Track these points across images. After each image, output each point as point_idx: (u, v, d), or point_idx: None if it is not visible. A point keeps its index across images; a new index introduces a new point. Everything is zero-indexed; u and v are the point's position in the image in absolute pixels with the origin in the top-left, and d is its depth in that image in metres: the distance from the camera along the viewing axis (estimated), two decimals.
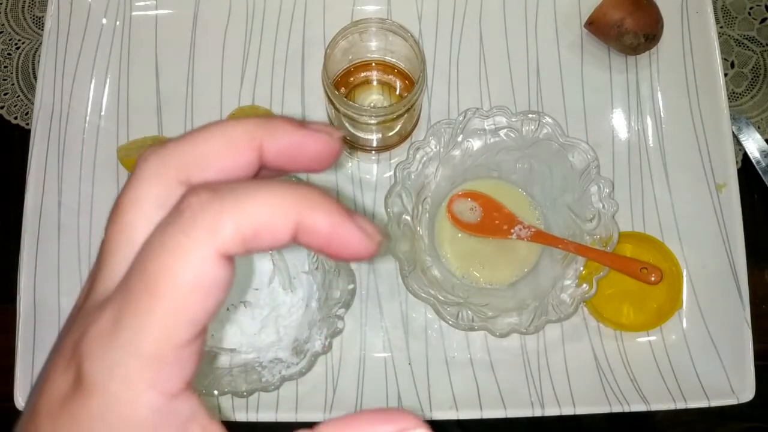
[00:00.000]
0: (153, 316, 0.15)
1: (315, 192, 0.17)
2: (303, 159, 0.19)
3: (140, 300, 0.16)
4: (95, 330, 0.16)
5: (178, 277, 0.15)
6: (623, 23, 0.55)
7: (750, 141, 0.60)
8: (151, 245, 0.16)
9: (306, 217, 0.16)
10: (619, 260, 0.49)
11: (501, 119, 0.50)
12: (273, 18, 0.60)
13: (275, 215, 0.16)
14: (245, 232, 0.16)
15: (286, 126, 0.18)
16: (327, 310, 0.48)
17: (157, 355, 0.16)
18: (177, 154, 0.18)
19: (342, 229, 0.17)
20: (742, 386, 0.52)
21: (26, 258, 0.54)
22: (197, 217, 0.16)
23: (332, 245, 0.17)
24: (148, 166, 0.18)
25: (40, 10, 0.64)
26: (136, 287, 0.16)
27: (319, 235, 0.17)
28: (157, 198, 0.17)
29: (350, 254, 0.17)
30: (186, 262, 0.15)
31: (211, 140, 0.18)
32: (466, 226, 0.54)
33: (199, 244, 0.15)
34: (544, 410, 0.51)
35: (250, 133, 0.18)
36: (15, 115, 0.62)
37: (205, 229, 0.16)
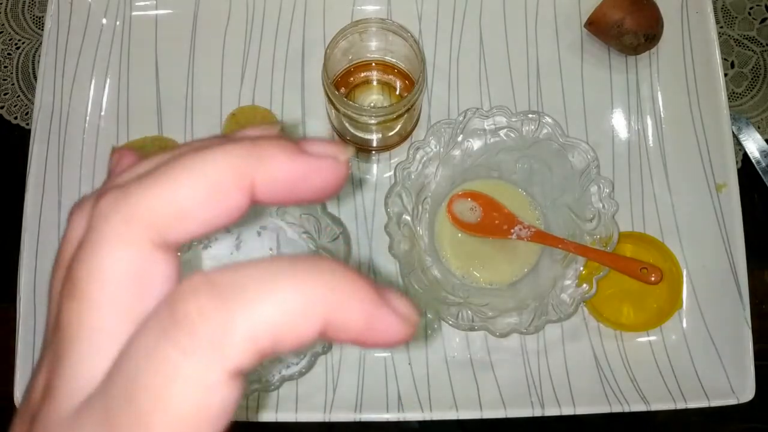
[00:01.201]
0: None
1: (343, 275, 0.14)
2: (305, 193, 0.15)
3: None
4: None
5: (177, 410, 0.12)
6: (623, 23, 0.55)
7: (750, 141, 0.60)
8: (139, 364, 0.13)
9: (336, 312, 0.13)
10: (619, 260, 0.49)
11: (501, 119, 0.50)
12: (273, 18, 0.60)
13: (298, 316, 0.13)
14: (262, 343, 0.13)
15: (282, 155, 0.15)
16: None
17: None
18: (146, 208, 0.14)
19: (378, 320, 0.14)
20: (742, 386, 0.52)
21: (26, 258, 0.54)
22: (198, 331, 0.12)
23: (368, 339, 0.14)
24: (108, 225, 0.14)
25: (40, 10, 0.64)
26: (122, 417, 0.13)
27: (353, 331, 0.14)
28: (126, 269, 0.14)
29: (387, 344, 0.14)
30: (187, 392, 0.12)
31: (188, 183, 0.14)
32: (466, 226, 0.54)
33: (203, 367, 0.12)
34: (544, 410, 0.51)
35: (238, 170, 0.14)
36: (15, 115, 0.62)
37: (210, 348, 0.12)
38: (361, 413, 0.51)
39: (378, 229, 0.55)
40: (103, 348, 0.14)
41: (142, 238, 0.14)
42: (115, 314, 0.14)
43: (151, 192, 0.14)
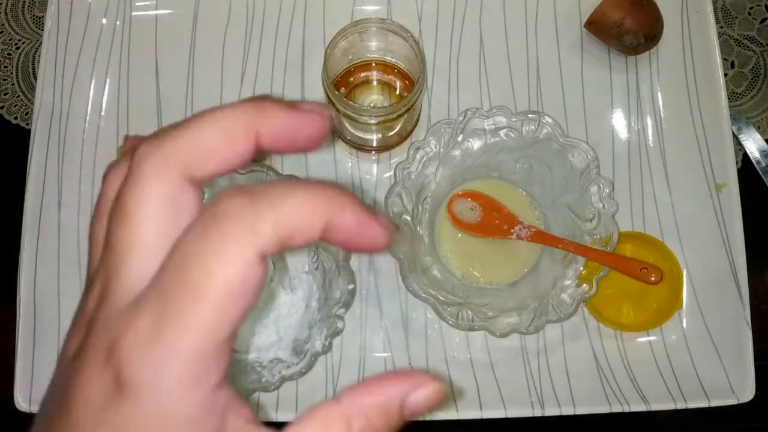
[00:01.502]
0: (197, 317, 0.16)
1: (341, 191, 0.18)
2: (297, 142, 0.19)
3: (184, 302, 0.16)
4: (133, 333, 0.16)
5: (223, 279, 0.16)
6: (623, 23, 0.55)
7: (750, 141, 0.60)
8: (190, 248, 0.16)
9: (335, 216, 0.17)
10: (619, 260, 0.49)
11: (501, 119, 0.50)
12: (273, 18, 0.60)
13: (309, 215, 0.17)
14: (282, 233, 0.16)
15: (280, 111, 0.19)
16: (327, 310, 0.48)
17: (201, 353, 0.16)
18: (177, 151, 0.18)
19: (365, 225, 0.18)
20: (742, 386, 0.52)
21: (26, 258, 0.54)
22: (237, 221, 0.16)
23: (357, 240, 0.18)
24: (149, 165, 0.17)
25: (40, 10, 0.64)
26: (177, 289, 0.16)
27: (346, 232, 0.18)
28: (163, 197, 0.17)
29: (371, 247, 0.19)
30: (230, 265, 0.16)
31: (208, 133, 0.18)
32: (466, 226, 0.54)
33: (241, 247, 0.16)
34: (544, 410, 0.51)
35: (246, 122, 0.18)
36: (15, 115, 0.62)
37: (246, 233, 0.16)
38: None
39: None
40: (149, 258, 0.17)
41: (175, 173, 0.18)
42: (157, 231, 0.17)
43: (180, 138, 0.18)
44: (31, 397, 0.51)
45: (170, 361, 0.16)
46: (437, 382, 0.19)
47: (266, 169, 0.49)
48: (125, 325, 0.16)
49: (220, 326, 0.16)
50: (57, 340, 0.53)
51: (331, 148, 0.58)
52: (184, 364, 0.16)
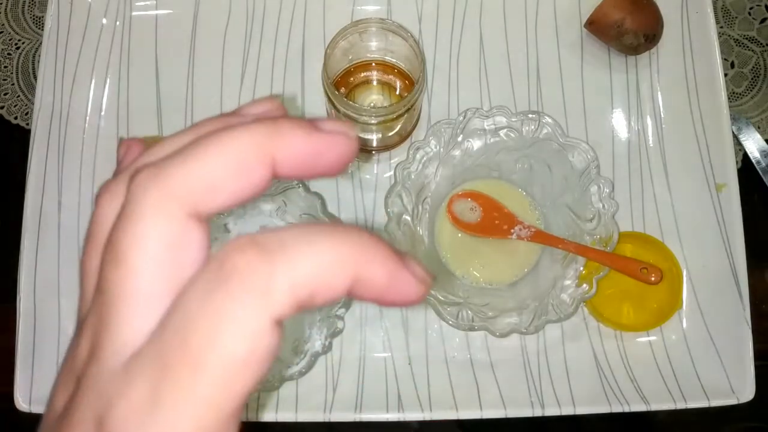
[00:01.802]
0: (198, 393, 0.14)
1: (370, 239, 0.16)
2: (319, 167, 0.17)
3: (182, 374, 0.14)
4: (126, 405, 0.14)
5: (229, 351, 0.14)
6: (623, 23, 0.55)
7: (750, 141, 0.60)
8: (192, 310, 0.14)
9: (364, 270, 0.15)
10: (619, 260, 0.49)
11: (501, 119, 0.50)
12: (273, 18, 0.60)
13: (332, 273, 0.15)
14: (301, 295, 0.14)
15: (299, 132, 0.16)
16: (327, 310, 0.48)
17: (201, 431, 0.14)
18: (180, 182, 0.16)
19: (398, 279, 0.16)
20: (742, 386, 0.52)
21: (26, 258, 0.54)
22: (247, 281, 0.14)
23: (388, 296, 0.16)
24: (148, 200, 0.15)
25: (40, 10, 0.64)
26: (176, 358, 0.14)
27: (377, 288, 0.16)
28: (164, 239, 0.15)
29: (404, 302, 0.16)
30: (238, 334, 0.14)
31: (217, 161, 0.16)
32: (466, 226, 0.54)
33: (252, 313, 0.14)
34: (544, 410, 0.51)
35: (260, 147, 0.16)
36: (15, 115, 0.62)
37: (258, 296, 0.14)
38: (361, 413, 0.51)
39: (378, 229, 0.55)
40: (147, 310, 0.15)
41: (178, 209, 0.15)
42: (156, 279, 0.15)
43: (184, 168, 0.16)
44: (31, 397, 0.51)
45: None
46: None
47: None
48: (117, 393, 0.15)
49: (224, 402, 0.14)
50: (57, 340, 0.53)
51: None
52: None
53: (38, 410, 0.51)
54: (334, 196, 0.56)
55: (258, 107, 0.19)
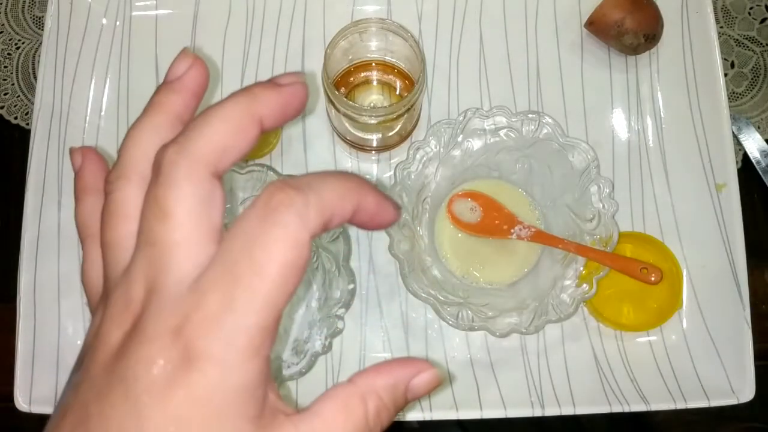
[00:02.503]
0: (264, 294, 0.18)
1: (362, 179, 0.21)
2: (288, 115, 0.21)
3: (251, 280, 0.18)
4: (203, 312, 0.18)
5: (283, 259, 0.18)
6: (623, 23, 0.55)
7: (750, 141, 0.60)
8: (253, 233, 0.18)
9: (362, 198, 0.20)
10: (619, 260, 0.49)
11: (501, 119, 0.50)
12: (273, 18, 0.60)
13: (344, 201, 0.20)
14: (325, 216, 0.19)
15: (271, 93, 0.21)
16: (327, 310, 0.48)
17: (263, 326, 0.18)
18: (201, 151, 0.19)
19: (382, 205, 0.21)
20: (742, 386, 0.52)
21: (26, 258, 0.54)
22: (290, 211, 0.18)
23: (375, 218, 0.21)
24: (179, 168, 0.19)
25: (40, 10, 0.64)
26: (244, 269, 0.18)
27: (370, 212, 0.21)
28: (199, 197, 0.19)
29: (386, 223, 0.22)
30: (289, 245, 0.18)
31: (223, 128, 0.20)
32: (466, 226, 0.54)
33: (297, 229, 0.18)
34: (544, 410, 0.51)
35: (249, 111, 0.20)
36: (15, 115, 0.62)
37: (299, 218, 0.18)
38: None
39: None
40: (196, 249, 0.19)
41: (205, 173, 0.19)
42: (198, 226, 0.19)
43: (202, 138, 0.20)
44: (31, 397, 0.51)
45: (238, 334, 0.18)
46: (435, 369, 0.22)
47: (266, 168, 0.49)
48: (193, 306, 0.18)
49: (280, 300, 0.18)
50: (57, 340, 0.53)
51: (331, 148, 0.58)
52: (250, 337, 0.18)
53: (38, 410, 0.51)
54: None
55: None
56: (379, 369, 0.21)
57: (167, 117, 0.22)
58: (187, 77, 0.23)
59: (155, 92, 0.23)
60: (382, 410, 0.21)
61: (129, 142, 0.22)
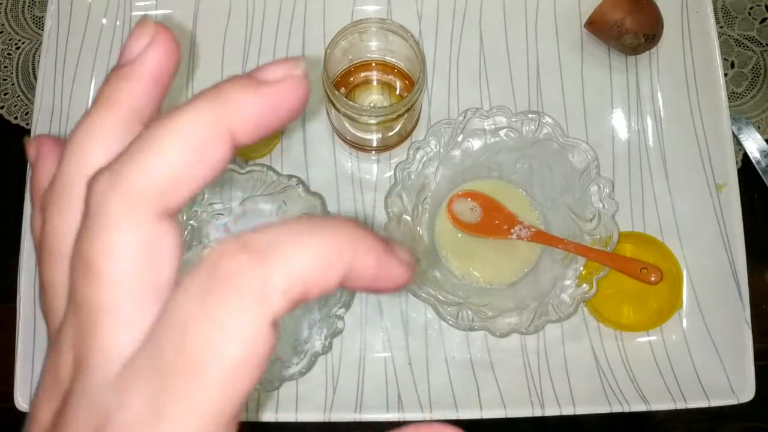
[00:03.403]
0: (201, 399, 0.14)
1: (357, 230, 0.15)
2: (280, 119, 0.16)
3: (184, 381, 0.14)
4: (126, 416, 0.14)
5: (229, 355, 0.14)
6: (623, 23, 0.55)
7: (750, 141, 0.60)
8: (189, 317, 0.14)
9: (354, 261, 0.15)
10: (619, 260, 0.49)
11: (501, 119, 0.50)
12: (273, 18, 0.60)
13: (324, 267, 0.15)
14: (295, 292, 0.14)
15: (248, 94, 0.15)
16: (327, 310, 0.48)
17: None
18: (141, 183, 0.15)
19: (386, 266, 0.16)
20: (742, 386, 0.52)
21: (26, 258, 0.53)
22: (241, 285, 0.14)
23: (378, 282, 0.16)
24: (112, 208, 0.15)
25: (40, 10, 0.64)
26: (177, 366, 0.14)
27: (367, 276, 0.16)
28: (136, 243, 0.15)
29: (393, 287, 0.16)
30: (236, 338, 0.14)
31: (174, 149, 0.15)
32: (466, 226, 0.54)
33: (249, 317, 0.14)
34: (544, 410, 0.51)
35: (215, 124, 0.15)
36: (15, 115, 0.62)
37: (253, 299, 0.14)
38: (361, 413, 0.51)
39: (378, 229, 0.55)
40: (131, 318, 0.15)
41: (144, 211, 0.15)
42: (135, 286, 0.15)
43: (143, 166, 0.15)
44: (31, 398, 0.51)
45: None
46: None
47: (266, 168, 0.49)
48: (115, 404, 0.14)
49: (227, 406, 0.14)
50: None
51: (331, 148, 0.58)
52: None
53: None
54: (334, 196, 0.56)
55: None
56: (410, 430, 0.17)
57: (119, 116, 0.16)
58: (145, 58, 0.17)
59: (105, 80, 0.17)
60: None
61: (68, 152, 0.17)
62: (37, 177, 0.19)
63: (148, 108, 0.17)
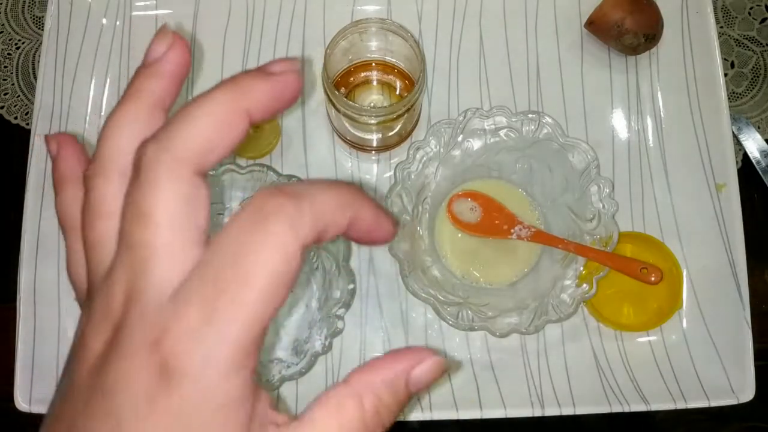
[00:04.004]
0: (249, 306, 0.17)
1: (360, 191, 0.20)
2: (281, 105, 0.20)
3: (237, 292, 0.17)
4: (183, 325, 0.17)
5: (272, 269, 0.17)
6: (623, 23, 0.55)
7: (750, 141, 0.60)
8: (241, 240, 0.17)
9: (359, 211, 0.19)
10: (619, 260, 0.49)
11: (501, 119, 0.50)
12: (273, 18, 0.60)
13: (339, 213, 0.19)
14: (319, 227, 0.18)
15: (261, 84, 0.19)
16: (327, 310, 0.48)
17: (247, 340, 0.17)
18: (183, 149, 0.18)
19: (380, 219, 0.20)
20: (742, 386, 0.52)
21: (26, 258, 0.54)
22: (282, 218, 0.17)
23: (372, 233, 0.20)
24: (159, 167, 0.18)
25: (40, 10, 0.64)
26: (228, 278, 0.17)
27: (366, 226, 0.20)
28: (181, 197, 0.18)
29: (382, 239, 0.21)
30: (279, 255, 0.17)
31: (208, 123, 0.19)
32: (466, 226, 0.54)
33: (288, 240, 0.17)
34: (544, 410, 0.51)
35: (235, 104, 0.19)
36: (15, 115, 0.62)
37: (291, 228, 0.17)
38: None
39: None
40: (178, 255, 0.18)
41: (187, 171, 0.18)
42: (180, 229, 0.18)
43: (183, 135, 0.18)
44: (31, 397, 0.51)
45: (219, 348, 0.17)
46: (437, 356, 0.21)
47: (266, 168, 0.49)
48: (172, 317, 0.17)
49: (266, 313, 0.17)
50: (57, 340, 0.53)
51: (331, 148, 0.58)
52: (233, 351, 0.17)
53: (38, 410, 0.51)
54: None
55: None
56: (375, 365, 0.20)
57: (146, 106, 0.20)
58: (166, 59, 0.21)
59: (133, 77, 0.21)
60: (382, 409, 0.20)
61: (106, 135, 0.21)
62: (58, 166, 0.23)
63: (168, 99, 0.21)
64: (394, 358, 0.20)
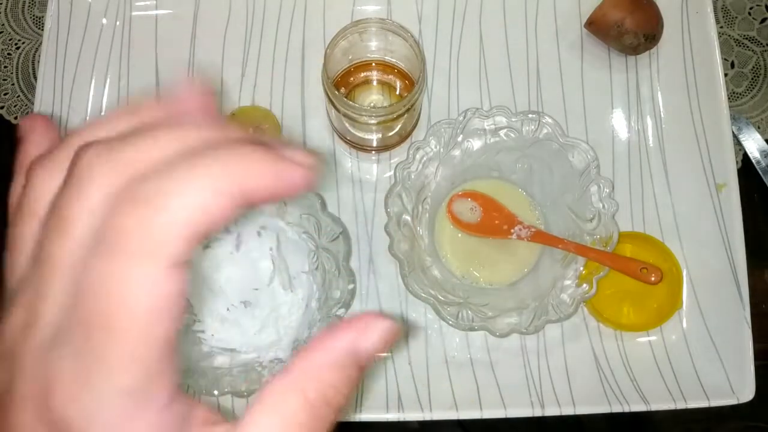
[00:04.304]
0: (120, 353, 0.15)
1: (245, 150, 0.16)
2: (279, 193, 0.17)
3: (102, 339, 0.15)
4: (63, 377, 0.15)
5: (134, 306, 0.15)
6: (623, 23, 0.55)
7: (750, 141, 0.60)
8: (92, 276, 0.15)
9: (247, 182, 0.16)
10: (619, 260, 0.49)
11: (501, 119, 0.50)
12: (273, 18, 0.60)
13: (217, 205, 0.15)
14: (189, 233, 0.15)
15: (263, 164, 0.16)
16: (327, 310, 0.48)
17: (134, 384, 0.15)
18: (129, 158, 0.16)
19: (283, 174, 0.16)
20: (742, 386, 0.52)
21: None
22: (134, 236, 0.14)
23: (280, 191, 0.16)
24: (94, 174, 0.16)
25: (40, 10, 0.64)
26: (90, 324, 0.15)
27: (267, 190, 0.16)
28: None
29: (298, 188, 0.17)
30: (138, 288, 0.15)
31: (167, 139, 0.16)
32: (466, 226, 0.54)
33: (145, 265, 0.15)
34: (544, 410, 0.51)
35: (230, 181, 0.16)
36: (15, 115, 0.62)
37: (144, 252, 0.14)
38: (361, 413, 0.51)
39: (378, 229, 0.55)
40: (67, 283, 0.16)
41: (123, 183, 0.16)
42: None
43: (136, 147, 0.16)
44: None
45: (106, 399, 0.15)
46: (386, 320, 0.19)
47: None
48: (53, 368, 0.15)
49: (149, 351, 0.15)
50: None
51: (331, 148, 0.58)
52: (121, 399, 0.15)
53: None
54: (334, 196, 0.56)
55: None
56: (315, 345, 0.18)
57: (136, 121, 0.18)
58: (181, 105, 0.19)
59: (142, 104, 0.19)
60: (330, 392, 0.17)
61: (79, 129, 0.19)
62: (26, 150, 0.20)
63: None
64: (335, 335, 0.18)
